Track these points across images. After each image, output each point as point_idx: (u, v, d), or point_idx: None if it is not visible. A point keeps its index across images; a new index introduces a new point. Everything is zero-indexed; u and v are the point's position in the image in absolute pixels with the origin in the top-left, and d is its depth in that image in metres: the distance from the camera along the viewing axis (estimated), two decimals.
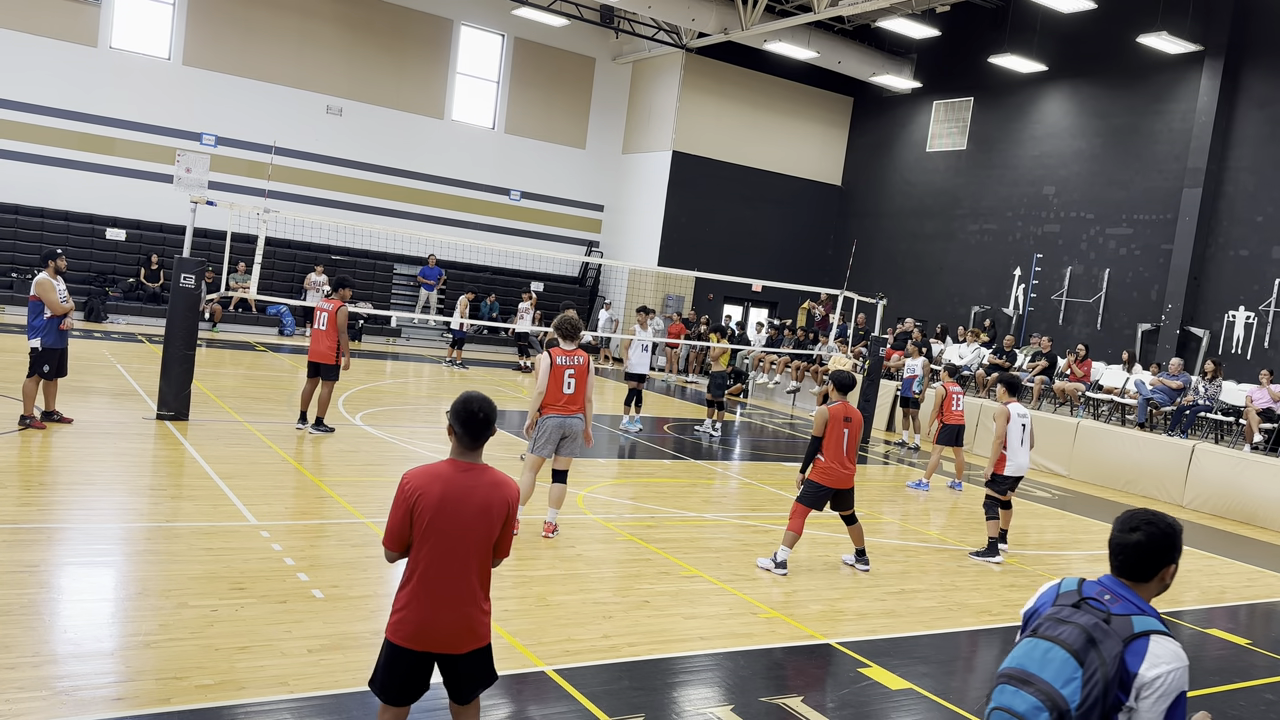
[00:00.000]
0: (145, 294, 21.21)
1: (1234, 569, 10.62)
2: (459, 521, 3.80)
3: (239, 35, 22.62)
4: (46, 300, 9.95)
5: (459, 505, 3.80)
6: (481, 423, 3.86)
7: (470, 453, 3.90)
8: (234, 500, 8.30)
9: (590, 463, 12.21)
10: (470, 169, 25.70)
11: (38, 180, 21.01)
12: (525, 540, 8.24)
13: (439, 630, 3.79)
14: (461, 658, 3.87)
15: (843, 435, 8.16)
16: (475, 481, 3.85)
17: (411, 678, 3.86)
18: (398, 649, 3.82)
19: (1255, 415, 14.19)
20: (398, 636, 3.81)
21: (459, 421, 3.86)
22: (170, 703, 4.69)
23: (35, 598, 5.78)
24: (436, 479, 3.82)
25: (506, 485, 3.93)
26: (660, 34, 25.10)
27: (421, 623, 3.78)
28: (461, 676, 3.91)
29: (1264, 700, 6.57)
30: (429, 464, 3.91)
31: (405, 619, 3.80)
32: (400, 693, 3.88)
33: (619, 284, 26.93)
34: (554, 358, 8.18)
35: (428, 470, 3.87)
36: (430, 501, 3.79)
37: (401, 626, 3.81)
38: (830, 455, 8.16)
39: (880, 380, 17.65)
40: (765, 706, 5.50)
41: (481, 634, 3.90)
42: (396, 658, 3.83)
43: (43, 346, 9.97)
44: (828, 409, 8.20)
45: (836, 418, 8.16)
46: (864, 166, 27.78)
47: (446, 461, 3.91)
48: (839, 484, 8.21)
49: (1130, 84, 20.94)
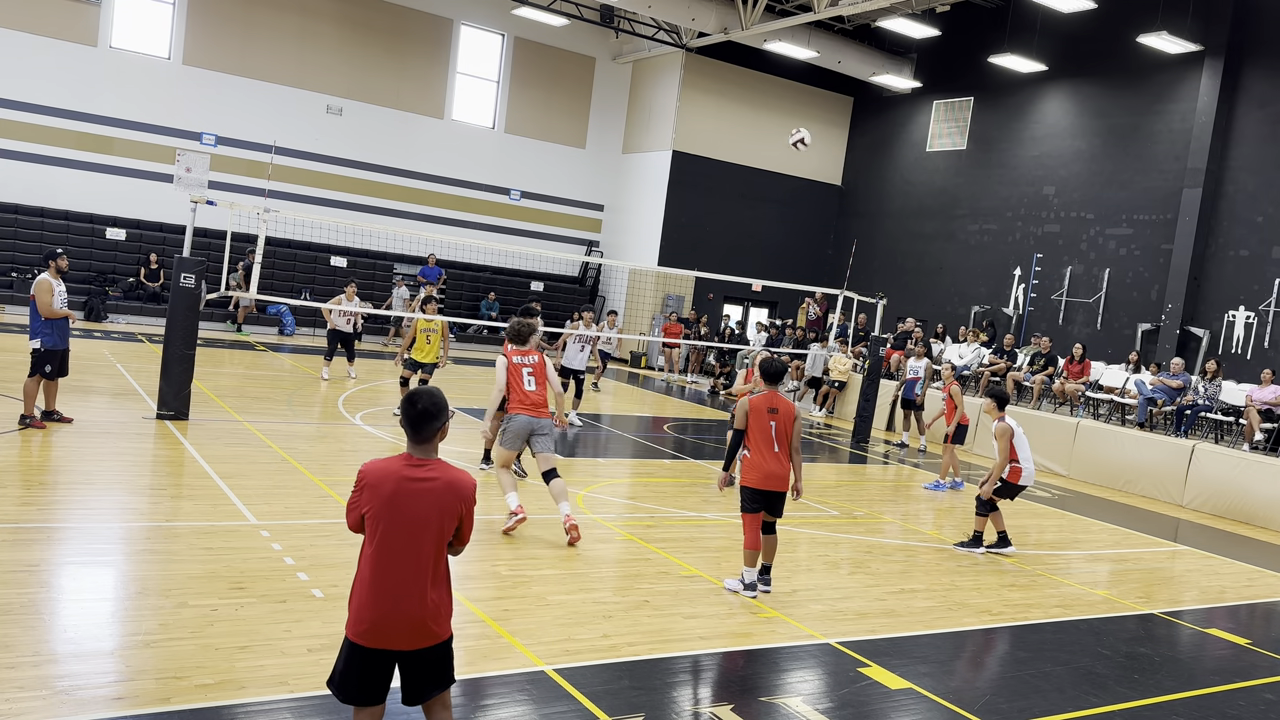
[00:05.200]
0: (145, 294, 21.21)
1: (1234, 569, 10.62)
2: (409, 520, 3.78)
3: (239, 35, 22.62)
4: (39, 301, 9.89)
5: (409, 503, 3.79)
6: (420, 415, 3.84)
7: (420, 447, 3.88)
8: (234, 500, 8.30)
9: (590, 462, 12.21)
10: (470, 169, 25.70)
11: (38, 180, 21.01)
12: (526, 540, 8.24)
13: (392, 627, 3.78)
14: (415, 655, 3.84)
15: (769, 428, 7.25)
16: (428, 479, 3.83)
17: (368, 677, 3.83)
18: (355, 647, 3.81)
19: (1255, 415, 14.19)
20: (355, 633, 3.81)
21: (404, 416, 3.88)
22: (170, 702, 4.69)
23: (35, 597, 5.78)
24: (388, 477, 3.82)
25: (461, 484, 3.89)
26: (660, 34, 25.10)
27: (375, 620, 3.77)
28: (416, 675, 3.87)
29: (1264, 700, 6.57)
30: (385, 459, 3.91)
31: (360, 615, 3.80)
32: (358, 692, 3.84)
33: (619, 284, 26.93)
34: (510, 358, 8.52)
35: (382, 466, 3.86)
36: (381, 498, 3.79)
37: (358, 623, 3.80)
38: (757, 451, 7.27)
39: (880, 380, 17.64)
40: (765, 706, 5.49)
41: (435, 631, 3.86)
42: (353, 655, 3.82)
43: (44, 347, 9.94)
44: (749, 399, 7.37)
45: (759, 409, 7.28)
46: (864, 166, 27.78)
47: (400, 457, 3.90)
48: (770, 485, 7.24)
49: (1130, 84, 20.94)
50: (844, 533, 9.98)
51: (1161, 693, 6.48)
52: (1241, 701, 6.48)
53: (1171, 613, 8.49)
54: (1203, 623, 8.34)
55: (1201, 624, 8.29)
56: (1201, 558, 11.01)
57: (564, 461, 11.89)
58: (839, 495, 12.05)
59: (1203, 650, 7.67)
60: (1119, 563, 10.36)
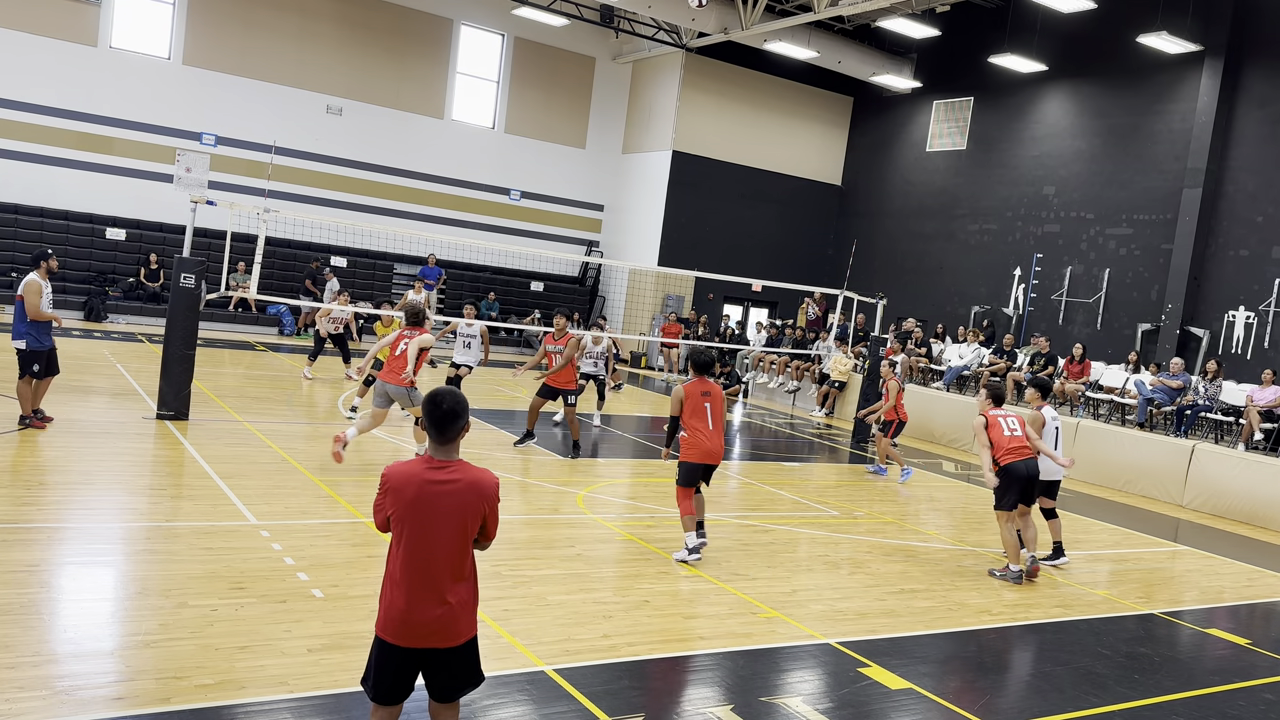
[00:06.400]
0: (145, 294, 21.21)
1: (1234, 569, 10.62)
2: (433, 522, 3.81)
3: (239, 35, 22.61)
4: (28, 303, 9.79)
5: (433, 506, 3.82)
6: (446, 415, 3.85)
7: (443, 448, 3.89)
8: (234, 500, 8.30)
9: (590, 462, 12.21)
10: (470, 169, 25.70)
11: (38, 180, 21.00)
12: (525, 540, 8.25)
13: (420, 626, 3.82)
14: (446, 653, 3.88)
15: (705, 410, 8.19)
16: (451, 481, 3.85)
17: (399, 676, 3.89)
18: (387, 646, 3.85)
19: (1255, 415, 14.19)
20: (385, 632, 3.86)
21: (427, 418, 3.88)
22: (170, 702, 4.69)
23: (35, 597, 5.78)
24: (411, 480, 3.84)
25: (484, 483, 3.92)
26: (660, 34, 25.10)
27: (404, 620, 3.82)
28: (446, 674, 3.93)
29: (1264, 700, 6.57)
30: (407, 461, 3.93)
31: (389, 614, 3.85)
32: (390, 691, 3.90)
33: (619, 284, 26.93)
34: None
35: (404, 470, 3.88)
36: (405, 501, 3.81)
37: (388, 624, 3.85)
38: (696, 432, 8.16)
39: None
40: (765, 706, 5.49)
41: (462, 630, 3.91)
42: (385, 655, 3.86)
43: (27, 347, 9.85)
44: (683, 387, 8.28)
45: (693, 394, 8.21)
46: (864, 166, 27.78)
47: (422, 459, 3.92)
48: (709, 459, 8.21)
49: (1130, 84, 20.93)
50: (844, 533, 9.98)
51: (1161, 693, 6.48)
52: (1241, 701, 6.48)
53: (1171, 613, 8.49)
54: (1203, 623, 8.34)
55: (1201, 624, 8.29)
56: (1201, 558, 11.01)
57: (564, 461, 11.90)
58: (839, 495, 12.06)
59: (1203, 650, 7.67)
60: (1119, 563, 10.36)
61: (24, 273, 19.52)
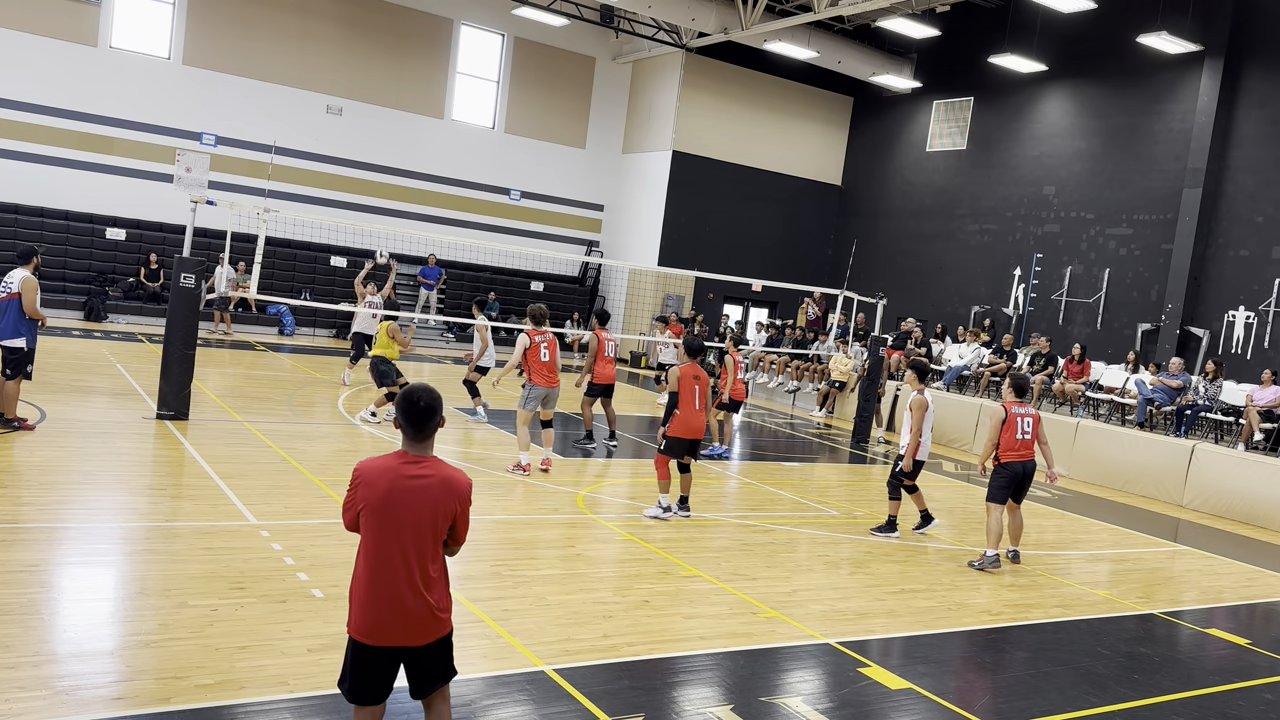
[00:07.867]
0: (145, 294, 21.21)
1: (1234, 569, 10.62)
2: (404, 517, 3.79)
3: (239, 35, 22.61)
4: (26, 300, 9.67)
5: (404, 502, 3.80)
6: (423, 412, 3.84)
7: (418, 444, 3.88)
8: (234, 500, 8.30)
9: (590, 462, 12.22)
10: (470, 169, 25.70)
11: (38, 180, 21.00)
12: (526, 540, 8.25)
13: (392, 624, 3.80)
14: (419, 651, 3.87)
15: (694, 391, 9.39)
16: (424, 476, 3.84)
17: (376, 675, 3.86)
18: (359, 645, 3.84)
19: (1255, 415, 14.19)
20: (358, 632, 3.83)
21: (402, 413, 3.86)
22: (170, 702, 4.69)
23: (35, 597, 5.78)
24: (384, 474, 3.82)
25: (457, 483, 3.90)
26: (660, 34, 25.10)
27: (375, 618, 3.80)
28: (421, 670, 3.91)
29: (1263, 700, 6.57)
30: (380, 456, 3.91)
31: (361, 614, 3.82)
32: (367, 691, 3.87)
33: (619, 284, 26.93)
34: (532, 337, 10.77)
35: (377, 464, 3.86)
36: (377, 495, 3.79)
37: (360, 621, 3.82)
38: (685, 409, 9.33)
39: (879, 381, 17.63)
40: (765, 706, 5.50)
41: (435, 627, 3.88)
42: (358, 654, 3.84)
43: (28, 346, 9.76)
44: (680, 369, 9.44)
45: (687, 376, 9.39)
46: (864, 166, 27.78)
47: (396, 454, 3.89)
48: (693, 434, 9.40)
49: (1130, 84, 20.94)
50: (844, 533, 9.98)
51: (1161, 693, 6.48)
52: (1241, 701, 6.49)
53: (1171, 613, 8.49)
54: (1202, 623, 8.34)
55: (1201, 624, 8.29)
56: (1201, 558, 11.01)
57: (565, 461, 11.90)
58: (839, 495, 12.06)
59: (1202, 650, 7.67)
60: (1119, 563, 10.36)
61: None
